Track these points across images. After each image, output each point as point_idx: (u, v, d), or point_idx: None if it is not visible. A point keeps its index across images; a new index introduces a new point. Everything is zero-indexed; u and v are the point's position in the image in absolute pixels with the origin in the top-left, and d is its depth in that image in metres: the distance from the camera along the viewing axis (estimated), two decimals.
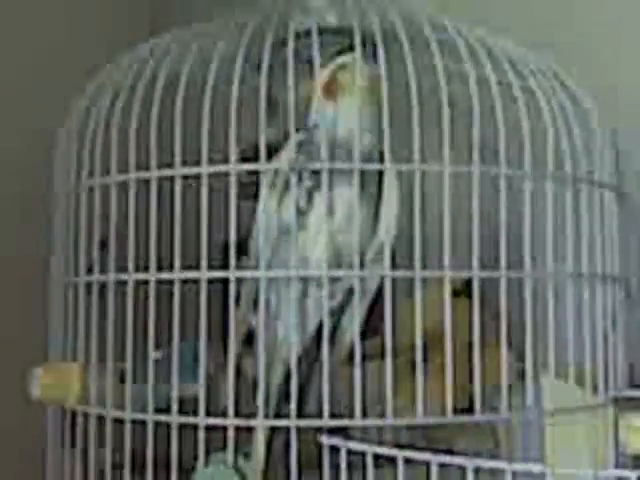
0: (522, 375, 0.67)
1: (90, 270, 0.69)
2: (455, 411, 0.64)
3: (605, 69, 0.86)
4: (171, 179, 0.66)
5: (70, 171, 0.73)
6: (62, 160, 0.75)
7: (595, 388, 0.69)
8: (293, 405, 0.63)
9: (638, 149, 0.81)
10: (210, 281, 0.65)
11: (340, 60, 0.69)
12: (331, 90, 0.69)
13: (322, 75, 0.69)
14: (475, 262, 0.64)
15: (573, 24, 0.90)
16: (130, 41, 0.81)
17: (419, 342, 0.64)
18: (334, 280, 0.66)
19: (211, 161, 0.64)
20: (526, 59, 0.71)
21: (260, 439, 0.66)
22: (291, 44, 0.66)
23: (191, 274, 0.65)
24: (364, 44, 0.66)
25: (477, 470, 0.59)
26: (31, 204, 1.03)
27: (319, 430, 0.64)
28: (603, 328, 0.70)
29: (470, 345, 0.65)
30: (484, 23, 0.74)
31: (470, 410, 0.65)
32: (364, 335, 0.67)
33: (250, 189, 0.70)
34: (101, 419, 0.68)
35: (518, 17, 0.94)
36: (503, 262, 0.65)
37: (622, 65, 0.86)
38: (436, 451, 0.61)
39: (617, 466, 0.67)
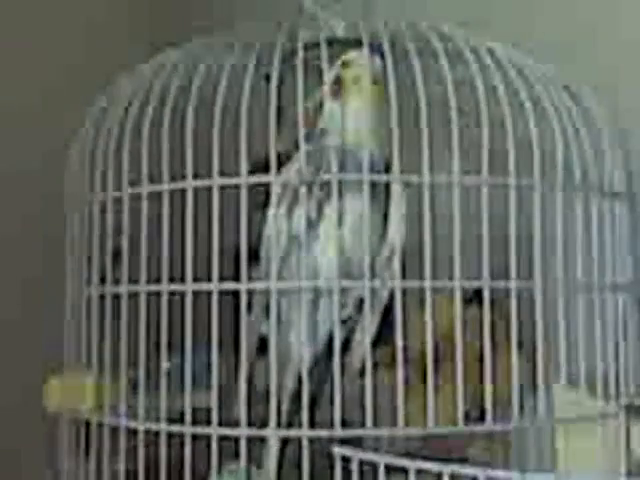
0: (533, 383, 0.67)
1: (103, 281, 0.70)
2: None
3: (606, 69, 0.85)
4: (183, 192, 0.66)
5: (83, 184, 0.73)
6: (74, 174, 0.76)
7: (607, 396, 0.69)
8: (305, 415, 0.63)
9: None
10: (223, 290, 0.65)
11: (342, 58, 0.69)
12: (337, 89, 0.69)
13: (328, 76, 0.69)
14: (485, 272, 0.64)
15: (573, 24, 0.90)
16: (131, 53, 0.81)
17: (430, 352, 0.64)
18: (345, 290, 0.66)
19: (222, 173, 0.65)
20: (533, 67, 0.71)
21: (272, 449, 0.66)
22: (300, 55, 0.66)
23: (203, 286, 0.65)
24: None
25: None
26: (44, 213, 1.03)
27: (331, 440, 0.64)
28: (614, 336, 0.70)
29: (480, 354, 0.66)
30: (484, 24, 0.74)
31: (481, 419, 0.65)
32: (377, 344, 0.67)
33: (260, 199, 0.70)
34: (115, 429, 0.68)
35: (518, 16, 0.93)
36: (513, 272, 0.65)
37: (623, 64, 0.86)
38: (447, 461, 0.62)
39: (629, 474, 0.67)
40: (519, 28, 0.89)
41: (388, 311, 0.68)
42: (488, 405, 0.64)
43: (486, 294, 0.65)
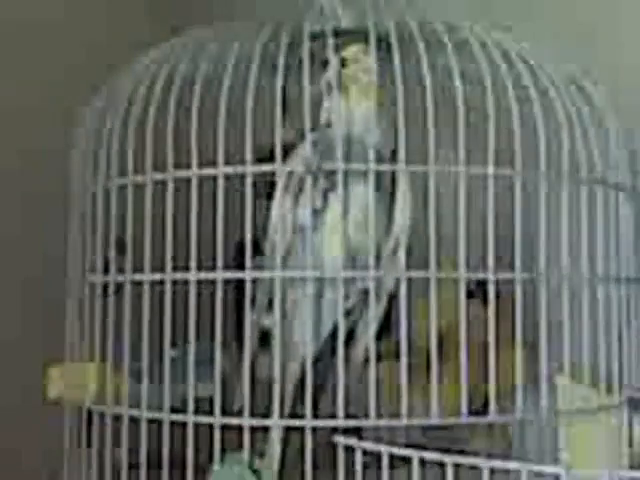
0: (536, 376, 0.67)
1: (106, 269, 0.70)
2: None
3: (606, 68, 0.85)
4: (187, 180, 0.66)
5: (87, 171, 0.73)
6: (79, 160, 0.76)
7: (610, 389, 0.69)
8: (308, 405, 0.63)
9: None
10: (226, 281, 0.65)
11: (341, 55, 0.69)
12: (338, 83, 0.69)
13: (329, 72, 0.69)
14: (490, 263, 0.64)
15: (573, 24, 0.90)
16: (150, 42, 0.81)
17: (434, 342, 0.64)
18: (349, 281, 0.66)
19: (227, 162, 0.65)
20: (541, 60, 0.71)
21: (275, 439, 0.66)
22: (306, 44, 0.66)
23: (207, 275, 0.65)
24: (379, 45, 0.67)
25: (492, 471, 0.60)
26: (46, 203, 1.03)
27: (334, 430, 0.64)
28: (618, 329, 0.70)
29: (484, 345, 0.66)
30: (484, 20, 0.74)
31: (484, 411, 0.65)
32: (381, 335, 0.67)
33: (265, 188, 0.70)
34: (117, 418, 0.68)
35: (518, 16, 0.94)
36: (518, 264, 0.65)
37: (623, 64, 0.86)
38: (450, 451, 0.61)
39: (632, 467, 0.67)
40: (519, 28, 0.89)
41: (391, 304, 0.68)
42: (491, 398, 0.64)
43: (491, 286, 0.65)
